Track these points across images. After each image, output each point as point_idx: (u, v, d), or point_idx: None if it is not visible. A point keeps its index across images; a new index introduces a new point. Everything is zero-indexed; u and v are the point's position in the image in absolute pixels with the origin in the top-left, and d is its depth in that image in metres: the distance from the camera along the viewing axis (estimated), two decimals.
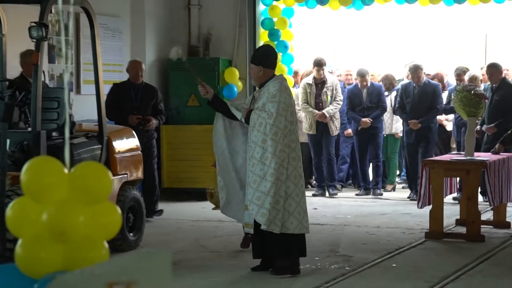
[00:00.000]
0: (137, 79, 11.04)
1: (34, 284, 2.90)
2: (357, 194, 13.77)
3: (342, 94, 13.66)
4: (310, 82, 13.39)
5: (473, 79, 12.65)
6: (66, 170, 3.11)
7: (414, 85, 13.00)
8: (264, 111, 7.79)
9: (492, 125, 11.92)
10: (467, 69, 13.43)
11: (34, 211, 3.10)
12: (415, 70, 12.98)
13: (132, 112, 10.70)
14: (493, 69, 12.19)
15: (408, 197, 13.11)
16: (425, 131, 12.89)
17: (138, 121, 10.71)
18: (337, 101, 13.40)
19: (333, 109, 13.32)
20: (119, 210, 3.17)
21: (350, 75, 14.32)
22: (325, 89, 13.32)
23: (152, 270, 1.85)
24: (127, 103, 10.83)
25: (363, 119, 13.44)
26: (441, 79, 13.85)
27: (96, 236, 3.11)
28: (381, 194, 13.68)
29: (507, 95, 11.95)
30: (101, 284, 1.63)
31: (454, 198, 12.15)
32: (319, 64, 13.42)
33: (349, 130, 13.89)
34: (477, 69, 13.97)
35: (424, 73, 13.24)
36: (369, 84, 13.65)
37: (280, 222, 7.68)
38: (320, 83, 13.39)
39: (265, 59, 8.15)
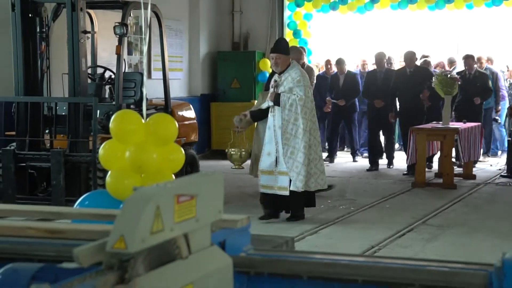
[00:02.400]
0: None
1: (120, 203, 2.95)
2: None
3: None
4: None
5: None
6: (143, 120, 3.16)
7: (378, 71, 11.67)
8: (293, 94, 7.23)
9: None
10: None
11: (119, 150, 3.16)
12: (379, 56, 11.73)
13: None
14: (412, 55, 11.29)
15: (367, 170, 11.51)
16: (385, 111, 11.30)
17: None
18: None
19: None
20: (182, 150, 3.21)
21: (366, 64, 13.26)
22: None
23: (210, 187, 1.87)
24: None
25: (339, 100, 12.10)
26: None
27: (166, 169, 3.16)
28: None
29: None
30: (171, 195, 1.65)
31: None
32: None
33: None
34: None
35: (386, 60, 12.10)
36: (345, 72, 12.37)
37: (313, 183, 7.34)
38: None
39: (288, 49, 7.63)
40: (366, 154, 12.66)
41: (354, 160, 12.67)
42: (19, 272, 1.68)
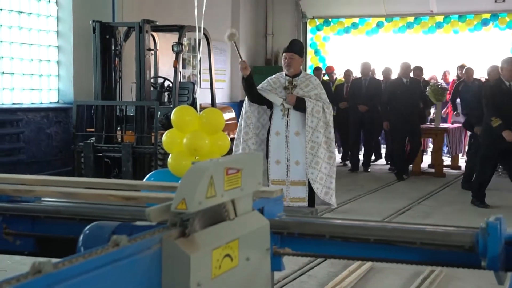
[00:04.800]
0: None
1: (179, 179, 2.96)
2: None
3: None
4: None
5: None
6: (197, 113, 3.18)
7: (363, 79, 10.35)
8: (318, 100, 5.51)
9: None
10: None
11: (179, 137, 3.18)
12: (365, 66, 10.46)
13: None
14: (408, 66, 9.62)
15: (340, 162, 10.81)
16: (369, 114, 10.11)
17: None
18: None
19: None
20: (228, 138, 3.23)
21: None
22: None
23: (252, 163, 1.87)
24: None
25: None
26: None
27: (216, 152, 3.17)
28: None
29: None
30: (222, 168, 1.66)
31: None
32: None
33: None
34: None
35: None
36: (320, 80, 10.94)
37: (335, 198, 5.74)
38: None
39: (303, 51, 5.75)
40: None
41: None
42: (102, 228, 1.71)
